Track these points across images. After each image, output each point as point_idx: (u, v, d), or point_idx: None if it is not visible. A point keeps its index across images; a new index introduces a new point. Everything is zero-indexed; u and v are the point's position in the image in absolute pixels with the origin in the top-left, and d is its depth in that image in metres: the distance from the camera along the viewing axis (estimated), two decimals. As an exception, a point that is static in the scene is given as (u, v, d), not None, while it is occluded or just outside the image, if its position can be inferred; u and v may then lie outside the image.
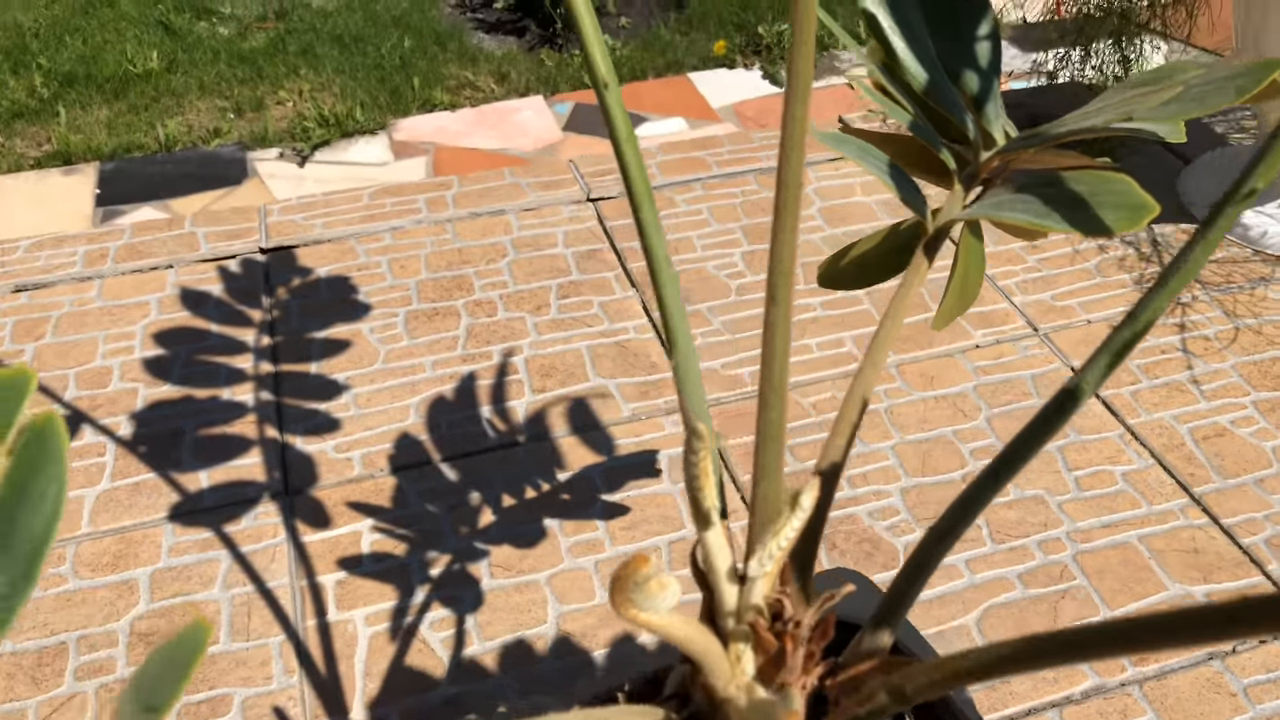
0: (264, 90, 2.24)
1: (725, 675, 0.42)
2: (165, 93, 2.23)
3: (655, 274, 0.49)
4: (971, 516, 0.47)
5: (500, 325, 1.56)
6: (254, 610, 1.17)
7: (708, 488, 0.42)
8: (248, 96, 2.20)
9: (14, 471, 0.30)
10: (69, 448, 0.30)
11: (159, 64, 2.30)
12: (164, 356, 1.50)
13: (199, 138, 2.09)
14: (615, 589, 0.35)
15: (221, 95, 2.23)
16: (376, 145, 2.05)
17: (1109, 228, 0.48)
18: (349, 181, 1.93)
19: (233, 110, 2.17)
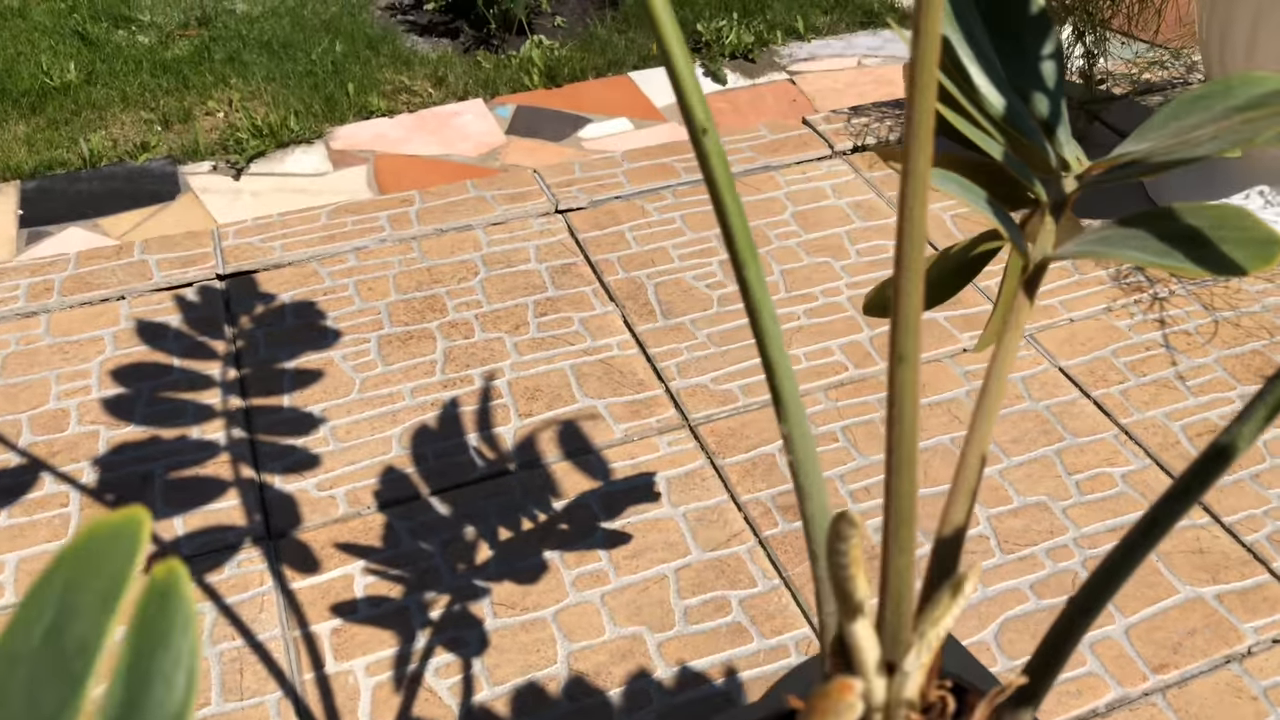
0: (191, 100, 2.15)
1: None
2: (86, 106, 2.12)
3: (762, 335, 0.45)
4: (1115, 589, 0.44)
5: (479, 347, 1.51)
6: (246, 666, 1.10)
7: (860, 578, 0.38)
8: (174, 107, 2.11)
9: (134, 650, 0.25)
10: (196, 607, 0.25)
11: (77, 76, 2.19)
12: (125, 395, 1.42)
13: (125, 152, 1.99)
14: (813, 713, 0.30)
15: (146, 107, 2.13)
16: (314, 155, 1.98)
17: (1240, 265, 0.45)
18: (287, 194, 1.85)
19: (159, 122, 2.08)
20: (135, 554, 0.26)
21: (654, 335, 1.53)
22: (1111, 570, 0.43)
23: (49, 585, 0.26)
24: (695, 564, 1.22)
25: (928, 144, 0.41)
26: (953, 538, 0.46)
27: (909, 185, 0.42)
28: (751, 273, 0.45)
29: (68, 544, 0.27)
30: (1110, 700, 1.09)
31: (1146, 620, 1.16)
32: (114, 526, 0.26)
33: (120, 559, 0.25)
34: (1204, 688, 1.10)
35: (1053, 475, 1.33)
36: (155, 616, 0.25)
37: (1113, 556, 0.43)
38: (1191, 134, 0.52)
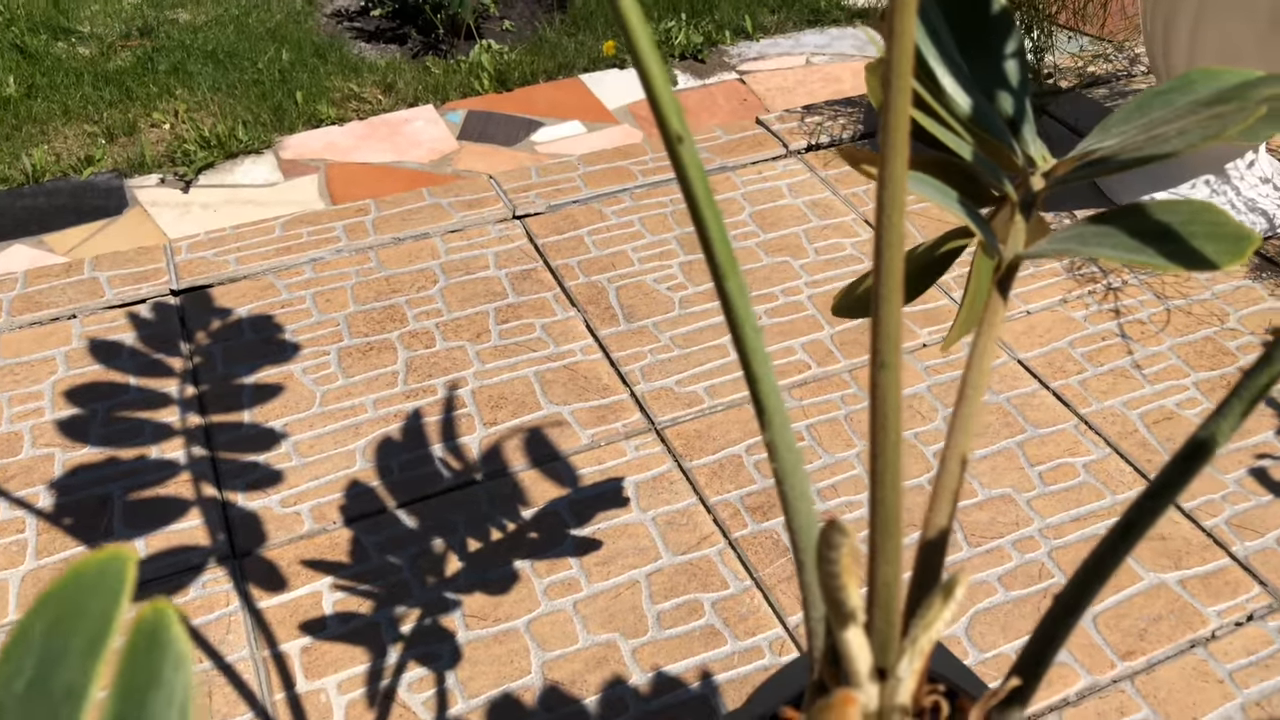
0: (136, 112, 2.11)
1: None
2: (27, 120, 2.07)
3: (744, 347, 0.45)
4: (1098, 587, 0.44)
5: (441, 356, 1.49)
6: (215, 688, 1.08)
7: (850, 586, 0.38)
8: (119, 120, 2.07)
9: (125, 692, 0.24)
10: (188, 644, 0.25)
11: (17, 90, 2.14)
12: (80, 416, 1.39)
13: (69, 166, 1.95)
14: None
15: (89, 120, 2.09)
16: (263, 165, 1.95)
17: (1211, 261, 0.46)
18: (237, 205, 1.82)
19: (103, 135, 2.03)
20: (121, 594, 0.25)
21: (617, 339, 1.53)
22: (1095, 568, 0.44)
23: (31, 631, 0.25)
24: (666, 568, 1.22)
25: (903, 149, 0.41)
26: (936, 540, 0.46)
27: (886, 192, 0.42)
28: (733, 284, 0.45)
29: (50, 586, 0.26)
30: (1081, 689, 1.10)
31: (1113, 608, 1.18)
32: (98, 565, 0.25)
33: (106, 600, 0.25)
34: (1171, 673, 1.12)
35: (1016, 467, 1.35)
36: (145, 656, 0.24)
37: (1096, 554, 0.44)
38: (1157, 130, 0.53)
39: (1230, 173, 1.75)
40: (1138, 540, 0.44)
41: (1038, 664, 0.44)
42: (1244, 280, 1.66)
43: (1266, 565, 1.23)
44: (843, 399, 1.44)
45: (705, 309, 1.58)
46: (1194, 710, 1.08)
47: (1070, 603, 0.44)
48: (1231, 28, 1.55)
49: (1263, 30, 1.52)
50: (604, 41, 2.38)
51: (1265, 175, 1.77)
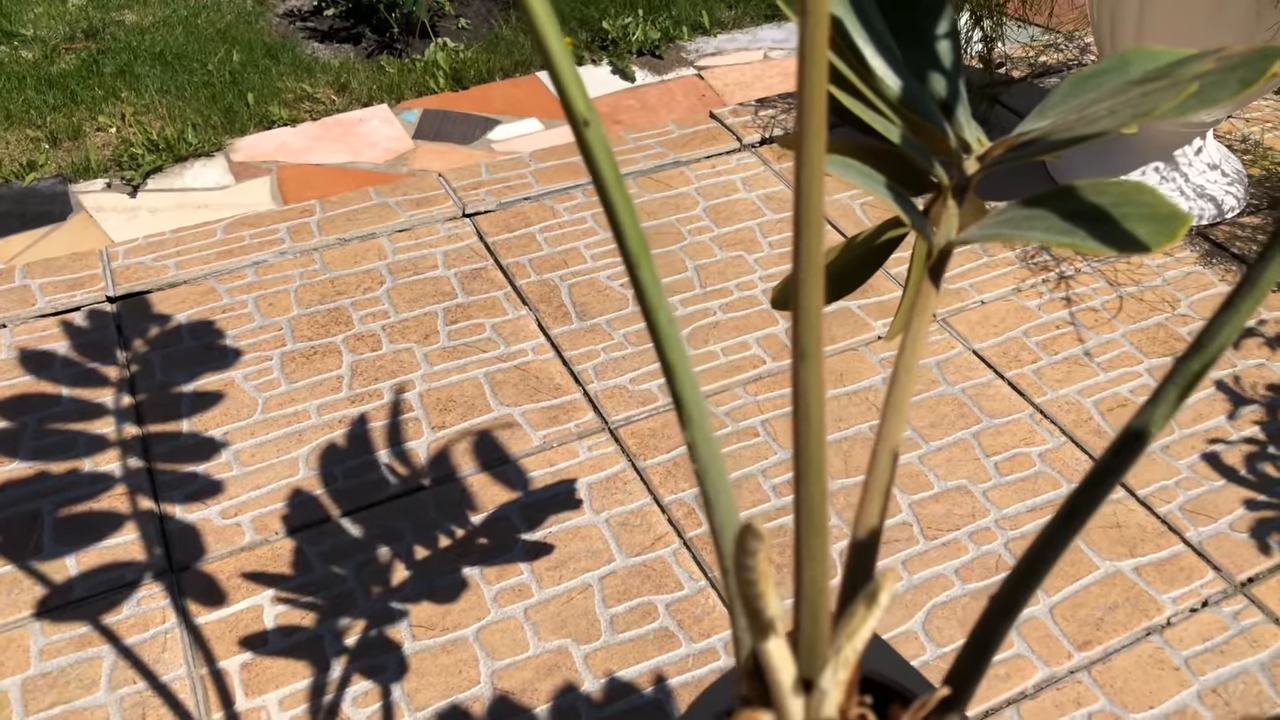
0: (81, 116, 2.05)
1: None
2: None
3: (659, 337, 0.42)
4: (1034, 585, 0.42)
5: (387, 359, 1.46)
6: (149, 710, 1.04)
7: (769, 594, 0.36)
8: (63, 124, 2.01)
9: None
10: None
11: None
12: (9, 430, 1.34)
13: (11, 172, 1.89)
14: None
15: (32, 125, 2.03)
16: (214, 168, 1.90)
17: (1143, 242, 0.44)
18: (188, 210, 1.78)
19: (47, 140, 1.98)
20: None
21: (570, 338, 1.50)
22: (1033, 563, 0.42)
23: None
24: (620, 570, 1.19)
25: (820, 130, 0.39)
26: (868, 540, 0.44)
27: (804, 173, 0.39)
28: (645, 273, 0.42)
29: None
30: (1038, 680, 1.09)
31: (1069, 598, 1.17)
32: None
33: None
34: (1127, 662, 1.11)
35: (971, 458, 1.33)
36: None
37: (1034, 549, 0.42)
38: (1089, 109, 0.51)
39: (1179, 159, 1.75)
40: (1076, 533, 0.42)
41: (974, 668, 0.41)
42: (1195, 266, 1.66)
43: (1220, 550, 1.22)
44: (797, 394, 1.42)
45: (657, 305, 1.56)
46: (1151, 699, 1.07)
47: (1007, 603, 0.41)
48: (1177, 14, 1.54)
49: (1207, 15, 1.52)
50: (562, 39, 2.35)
51: (1213, 162, 1.78)
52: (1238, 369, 1.47)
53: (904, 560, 1.21)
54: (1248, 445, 1.35)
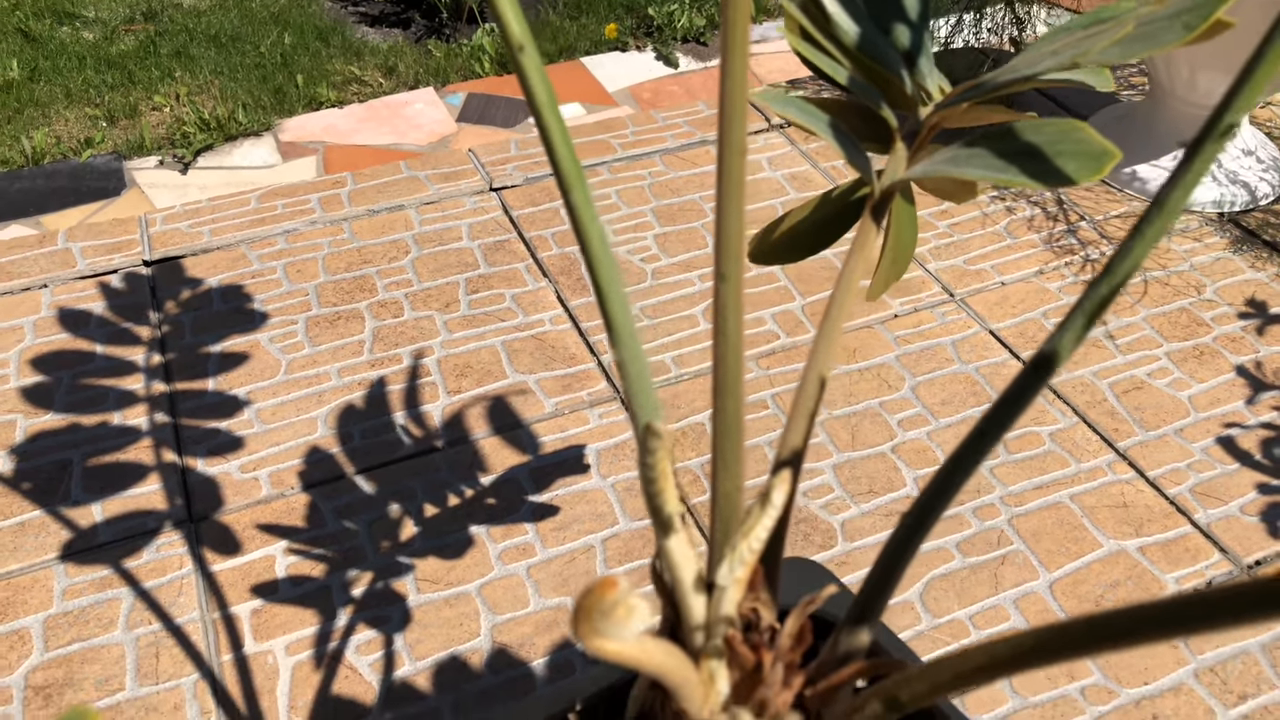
0: (137, 96, 2.11)
1: (699, 699, 0.37)
2: (29, 103, 2.08)
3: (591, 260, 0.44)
4: (946, 501, 0.43)
5: (408, 326, 1.49)
6: (163, 650, 1.09)
7: (668, 491, 0.37)
8: (120, 103, 2.07)
9: None
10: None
11: (20, 73, 2.15)
12: (44, 383, 1.39)
13: (69, 149, 1.96)
14: (579, 618, 0.30)
15: (91, 103, 2.09)
16: (263, 147, 1.95)
17: (1070, 177, 0.45)
18: (235, 186, 1.83)
19: (104, 118, 2.04)
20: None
21: (587, 310, 1.52)
22: (941, 486, 0.43)
23: None
24: (623, 533, 1.21)
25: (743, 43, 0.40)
26: (790, 460, 0.45)
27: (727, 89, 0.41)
28: (579, 196, 0.44)
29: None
30: (1033, 653, 1.09)
31: (1070, 574, 1.17)
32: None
33: None
34: (1125, 638, 1.10)
35: (981, 436, 1.33)
36: None
37: (942, 471, 0.43)
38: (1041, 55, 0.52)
39: (1213, 144, 1.72)
40: (985, 455, 0.43)
41: (883, 582, 0.43)
42: (1224, 252, 1.64)
43: (1228, 533, 1.21)
44: (809, 368, 1.43)
45: (678, 280, 1.58)
46: (1146, 675, 1.07)
47: (916, 521, 0.43)
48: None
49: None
50: (606, 25, 2.37)
51: (1248, 147, 1.75)
52: (1260, 355, 1.45)
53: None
54: (1265, 430, 1.34)
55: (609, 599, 0.29)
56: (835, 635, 0.44)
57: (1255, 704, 1.05)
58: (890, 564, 0.43)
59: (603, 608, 0.29)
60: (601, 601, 0.29)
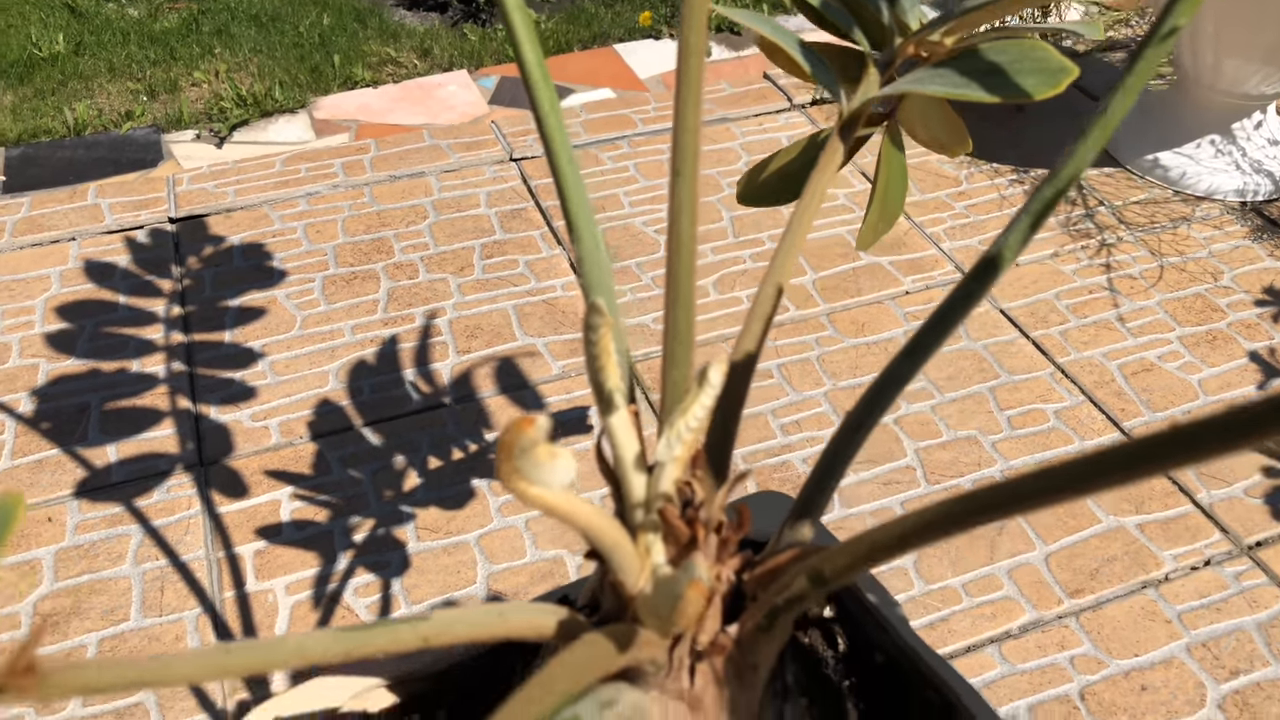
0: (178, 72, 2.15)
1: (634, 569, 0.39)
2: (73, 76, 2.12)
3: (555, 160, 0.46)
4: (888, 401, 0.44)
5: (422, 287, 1.51)
6: (168, 585, 1.12)
7: (609, 367, 0.39)
8: (161, 78, 2.11)
9: None
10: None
11: (65, 47, 2.19)
12: (68, 330, 1.43)
13: (110, 121, 2.00)
14: (500, 457, 0.31)
15: (133, 78, 2.13)
16: (297, 124, 1.97)
17: (1028, 92, 0.46)
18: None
19: (145, 93, 2.08)
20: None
21: (598, 277, 1.53)
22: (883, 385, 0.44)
23: None
24: (622, 493, 1.22)
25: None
26: (743, 363, 0.46)
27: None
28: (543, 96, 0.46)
29: None
30: (1024, 622, 1.09)
31: (1067, 548, 1.17)
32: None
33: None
34: (1118, 611, 1.10)
35: (985, 411, 1.33)
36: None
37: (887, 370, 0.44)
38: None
39: (1237, 133, 1.71)
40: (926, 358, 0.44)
41: (824, 479, 0.44)
42: (1244, 240, 1.62)
43: (1230, 513, 1.20)
44: (818, 340, 1.44)
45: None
46: (1137, 648, 1.07)
47: (857, 420, 0.44)
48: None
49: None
50: (640, 12, 2.38)
51: (1274, 137, 1.73)
52: (1275, 341, 1.44)
53: (903, 501, 1.22)
54: (1274, 415, 1.33)
55: (528, 436, 0.31)
56: (778, 531, 0.45)
57: (1247, 680, 1.04)
58: (831, 462, 0.44)
59: (522, 444, 0.31)
60: (520, 438, 0.30)
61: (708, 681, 0.40)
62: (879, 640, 0.63)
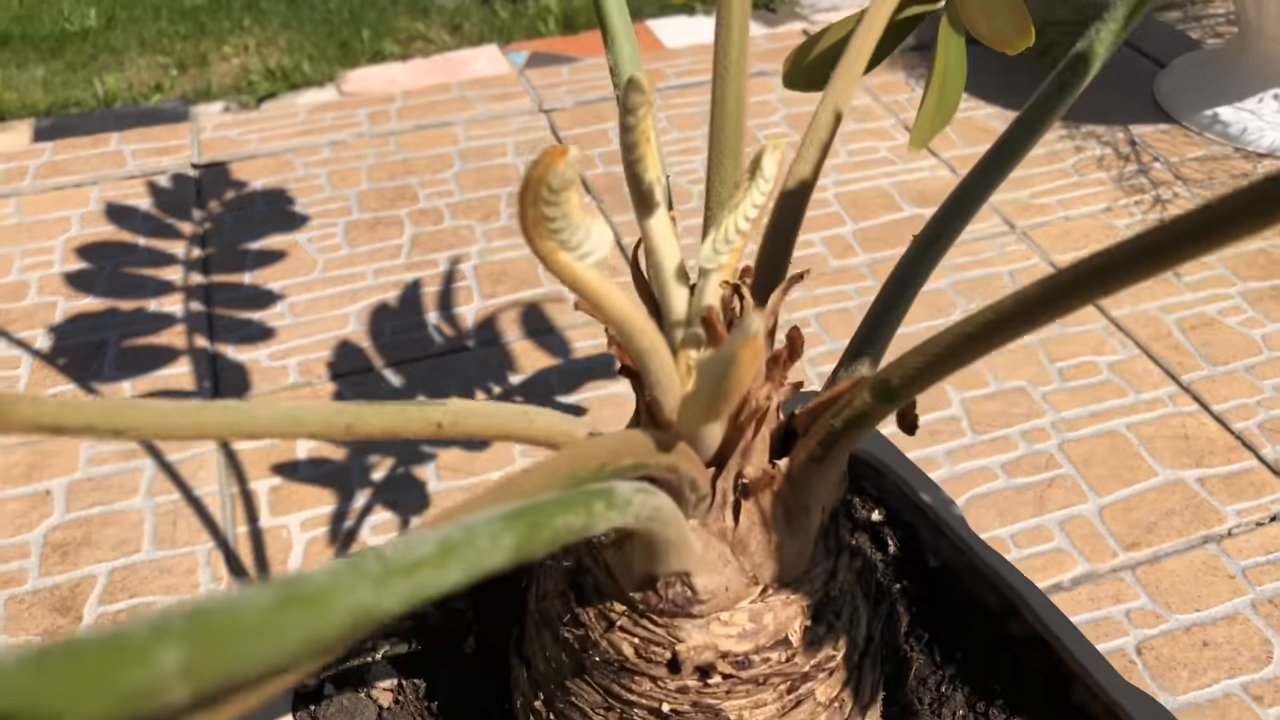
0: (207, 46, 2.12)
1: (672, 385, 0.33)
2: (104, 50, 2.10)
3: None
4: (966, 218, 0.39)
5: (447, 234, 1.47)
6: (181, 518, 1.08)
7: (649, 156, 0.33)
8: (190, 53, 2.08)
9: None
10: None
11: (97, 21, 2.17)
12: (87, 270, 1.39)
13: (139, 94, 1.97)
14: (525, 199, 0.26)
15: (163, 52, 2.10)
16: (324, 97, 1.93)
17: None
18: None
19: (175, 66, 2.05)
20: None
21: (629, 225, 1.48)
22: (960, 198, 0.38)
23: None
24: (652, 438, 1.17)
25: None
26: (797, 190, 0.41)
27: None
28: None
29: None
30: (1076, 575, 1.03)
31: (1122, 501, 1.10)
32: None
33: None
34: (1178, 565, 1.04)
35: (1034, 363, 1.27)
36: None
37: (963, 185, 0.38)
38: None
39: (1301, 86, 1.63)
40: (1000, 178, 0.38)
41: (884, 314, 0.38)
42: (1307, 197, 1.54)
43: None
44: (857, 290, 1.38)
45: (723, 202, 1.53)
46: (1198, 603, 1.00)
47: (933, 236, 0.38)
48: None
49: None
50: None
51: (1340, 91, 1.65)
52: (1342, 297, 1.37)
53: (949, 451, 1.16)
54: (1343, 370, 1.25)
55: (559, 172, 0.25)
56: (834, 371, 0.39)
57: (1317, 639, 0.97)
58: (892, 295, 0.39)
59: (551, 181, 0.25)
60: (550, 173, 0.25)
61: (753, 523, 0.35)
62: (933, 544, 0.58)
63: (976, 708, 0.51)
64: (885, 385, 0.31)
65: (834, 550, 0.38)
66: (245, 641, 0.13)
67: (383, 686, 0.51)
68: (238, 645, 0.13)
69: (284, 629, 0.14)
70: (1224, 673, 0.94)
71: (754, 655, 0.35)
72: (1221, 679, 0.93)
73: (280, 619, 0.14)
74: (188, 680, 0.13)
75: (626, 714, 0.37)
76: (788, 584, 0.36)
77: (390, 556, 0.17)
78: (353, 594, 0.15)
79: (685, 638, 0.35)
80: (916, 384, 0.31)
